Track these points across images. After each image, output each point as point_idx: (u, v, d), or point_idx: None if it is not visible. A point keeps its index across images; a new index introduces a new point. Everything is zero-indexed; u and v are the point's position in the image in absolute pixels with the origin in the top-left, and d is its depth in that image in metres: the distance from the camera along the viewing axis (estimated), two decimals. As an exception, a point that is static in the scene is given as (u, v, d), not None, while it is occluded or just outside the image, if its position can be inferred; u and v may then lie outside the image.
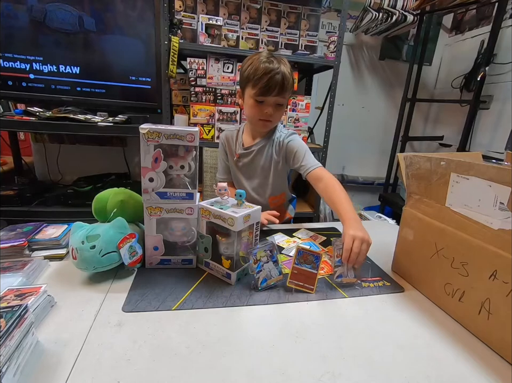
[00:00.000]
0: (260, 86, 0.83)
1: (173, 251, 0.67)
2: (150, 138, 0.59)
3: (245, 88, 0.88)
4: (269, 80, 0.82)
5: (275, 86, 0.83)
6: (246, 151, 0.98)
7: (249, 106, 0.88)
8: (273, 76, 0.82)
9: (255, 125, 0.94)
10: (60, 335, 0.47)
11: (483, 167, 0.46)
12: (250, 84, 0.85)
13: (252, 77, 0.84)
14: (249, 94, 0.87)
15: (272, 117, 0.89)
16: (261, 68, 0.82)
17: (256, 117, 0.89)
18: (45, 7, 1.35)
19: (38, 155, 1.72)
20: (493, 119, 2.01)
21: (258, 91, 0.84)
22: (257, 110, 0.87)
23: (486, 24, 2.08)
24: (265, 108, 0.86)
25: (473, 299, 0.50)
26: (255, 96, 0.85)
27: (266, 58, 0.84)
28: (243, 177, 1.02)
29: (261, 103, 0.86)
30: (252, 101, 0.87)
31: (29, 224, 0.76)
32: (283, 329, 0.52)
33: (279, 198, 1.05)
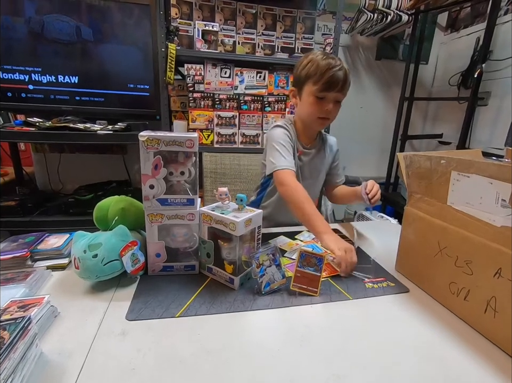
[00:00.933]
0: (323, 82, 0.82)
1: (175, 258, 0.67)
2: (149, 145, 0.59)
3: (304, 85, 0.87)
4: (332, 75, 0.81)
5: (338, 82, 0.82)
6: (307, 151, 0.99)
7: (309, 103, 0.86)
8: (337, 71, 0.82)
9: (312, 123, 0.91)
10: (64, 345, 0.47)
11: (483, 165, 0.46)
12: (311, 80, 0.84)
13: (313, 73, 0.83)
14: (310, 91, 0.85)
15: (331, 115, 0.88)
16: (323, 64, 0.82)
17: (315, 115, 0.88)
18: (43, 19, 1.37)
19: (38, 165, 1.73)
20: (491, 116, 2.00)
21: (321, 86, 0.82)
22: (318, 107, 0.86)
23: (481, 21, 2.09)
24: (326, 104, 0.85)
25: (479, 297, 0.50)
26: (317, 92, 0.84)
27: (325, 56, 0.85)
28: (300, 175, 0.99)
29: (321, 99, 0.85)
30: (312, 98, 0.85)
31: (31, 235, 0.76)
32: (288, 333, 0.52)
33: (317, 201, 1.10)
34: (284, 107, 1.64)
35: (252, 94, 1.60)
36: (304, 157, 0.99)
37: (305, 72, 0.85)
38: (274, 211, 1.04)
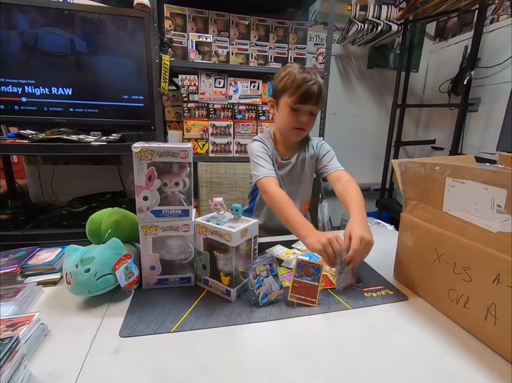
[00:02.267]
0: (299, 95, 0.85)
1: (170, 270, 0.66)
2: (143, 157, 0.58)
3: (281, 97, 0.90)
4: (307, 89, 0.84)
5: (312, 95, 0.85)
6: (286, 161, 1.00)
7: (285, 114, 0.90)
8: (311, 85, 0.85)
9: (288, 133, 0.94)
10: (54, 366, 0.45)
11: (478, 171, 0.46)
12: (288, 93, 0.87)
13: (289, 86, 0.86)
14: (286, 103, 0.89)
15: (307, 126, 0.91)
16: (300, 78, 0.85)
17: (290, 126, 0.90)
18: (37, 32, 1.37)
19: (31, 177, 1.71)
20: (482, 121, 2.04)
21: (296, 99, 0.86)
22: (293, 119, 0.89)
23: (468, 30, 2.14)
24: (301, 116, 0.88)
25: (478, 304, 0.49)
26: (292, 104, 0.87)
27: (301, 69, 0.88)
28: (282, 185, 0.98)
29: (296, 111, 0.88)
30: (288, 110, 0.89)
31: (21, 249, 0.74)
32: (286, 346, 0.50)
33: (309, 202, 1.10)
34: (278, 116, 1.65)
35: (246, 103, 1.61)
36: (283, 168, 1.00)
37: (282, 84, 0.88)
38: (267, 219, 1.04)
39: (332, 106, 1.76)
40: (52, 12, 1.38)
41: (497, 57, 1.89)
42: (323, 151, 1.01)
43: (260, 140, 0.98)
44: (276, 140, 1.01)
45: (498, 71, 1.90)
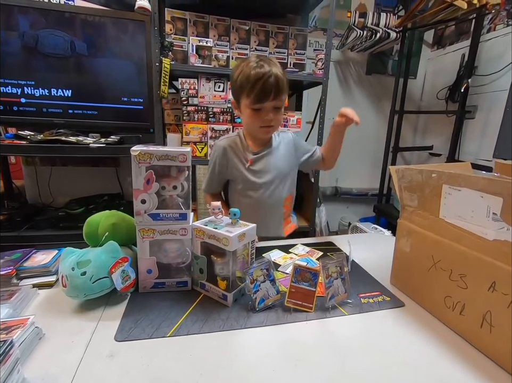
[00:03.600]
0: (255, 94, 0.79)
1: (167, 274, 0.66)
2: (141, 160, 0.58)
3: (240, 98, 0.85)
4: (263, 86, 0.78)
5: (270, 91, 0.79)
6: (257, 156, 0.95)
7: (247, 115, 0.85)
8: (267, 80, 0.78)
9: (256, 133, 0.91)
10: (48, 370, 0.45)
11: (474, 179, 0.47)
12: (245, 93, 0.82)
13: (245, 86, 0.81)
14: (245, 104, 0.84)
15: (273, 122, 0.86)
16: (252, 75, 0.79)
17: (257, 125, 0.86)
18: (37, 33, 1.38)
19: (29, 178, 1.70)
20: (479, 128, 2.06)
21: (254, 99, 0.80)
22: (257, 118, 0.84)
23: (465, 38, 2.18)
24: (265, 114, 0.83)
25: (474, 312, 0.49)
26: (251, 105, 0.82)
27: (255, 63, 0.81)
28: (257, 182, 0.96)
29: (258, 110, 0.83)
30: (249, 111, 0.84)
31: (17, 251, 0.73)
32: (283, 351, 0.50)
33: (290, 199, 1.05)
34: (277, 120, 1.66)
35: (246, 107, 1.61)
36: (256, 163, 0.96)
37: (238, 84, 0.83)
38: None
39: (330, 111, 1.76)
40: (53, 14, 1.39)
41: (494, 65, 1.92)
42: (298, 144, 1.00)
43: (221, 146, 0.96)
44: (246, 136, 0.97)
45: (495, 79, 1.93)
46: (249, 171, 0.96)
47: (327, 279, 0.62)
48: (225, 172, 0.99)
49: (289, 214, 1.09)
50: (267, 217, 1.01)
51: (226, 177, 1.02)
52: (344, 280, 0.63)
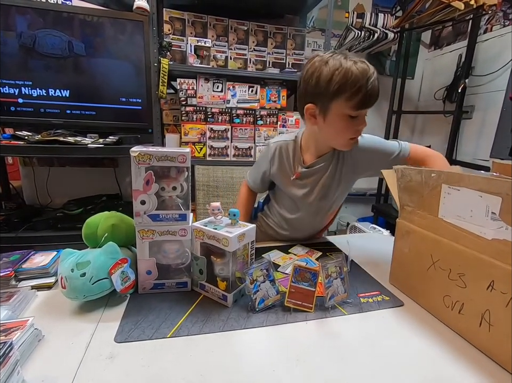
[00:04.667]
0: (361, 98, 0.66)
1: (167, 275, 0.65)
2: (141, 161, 0.58)
3: (332, 102, 0.68)
4: (372, 88, 0.66)
5: (376, 95, 0.68)
6: (308, 170, 0.84)
7: (340, 125, 0.71)
8: (374, 82, 0.67)
9: (340, 146, 0.77)
10: (48, 372, 0.44)
11: (472, 178, 0.47)
12: (344, 96, 0.66)
13: (347, 87, 0.65)
14: (340, 110, 0.68)
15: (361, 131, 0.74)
16: (359, 75, 0.65)
17: (346, 138, 0.72)
18: (35, 34, 1.37)
19: (26, 179, 1.69)
20: (476, 128, 2.07)
21: (359, 103, 0.67)
22: (351, 128, 0.71)
23: (462, 39, 2.19)
24: (360, 122, 0.71)
25: (473, 311, 0.49)
26: (352, 111, 0.68)
27: (352, 61, 0.67)
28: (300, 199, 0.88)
29: (354, 118, 0.70)
30: (344, 119, 0.70)
31: (16, 253, 0.73)
32: (283, 352, 0.50)
33: (335, 212, 0.98)
34: (276, 121, 1.66)
35: (244, 108, 1.62)
36: (304, 178, 0.85)
37: (335, 86, 0.66)
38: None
39: (329, 111, 1.77)
40: (51, 14, 1.38)
41: (491, 65, 1.93)
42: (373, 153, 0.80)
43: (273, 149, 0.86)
44: (303, 146, 0.84)
45: (491, 79, 1.94)
46: (294, 185, 0.87)
47: (327, 279, 0.62)
48: (268, 175, 0.91)
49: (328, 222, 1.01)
50: (307, 226, 0.96)
51: (270, 179, 0.94)
52: (343, 280, 0.64)
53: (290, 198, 0.91)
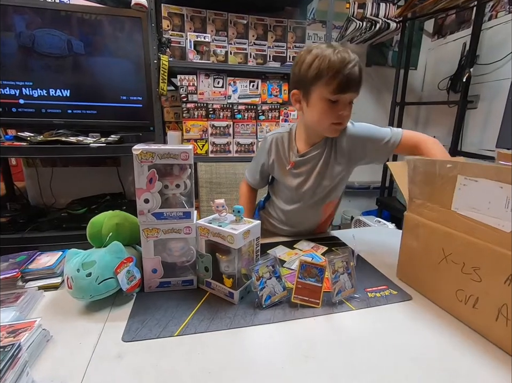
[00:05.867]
0: (339, 82, 0.69)
1: (172, 273, 0.65)
2: (143, 159, 0.57)
3: (312, 87, 0.73)
4: (349, 73, 0.69)
5: (355, 80, 0.71)
6: (302, 159, 0.86)
7: (320, 109, 0.74)
8: (353, 68, 0.69)
9: (324, 131, 0.80)
10: (57, 372, 0.44)
11: (492, 169, 0.46)
12: (323, 81, 0.70)
13: (325, 72, 0.69)
14: (320, 95, 0.73)
15: (346, 119, 0.77)
16: (337, 60, 0.69)
17: (328, 122, 0.76)
18: (33, 33, 1.36)
19: (30, 180, 1.69)
20: (481, 118, 2.04)
21: (336, 87, 0.70)
22: (331, 113, 0.74)
23: (466, 27, 2.14)
24: (341, 108, 0.73)
25: (489, 305, 0.48)
26: (330, 95, 0.71)
27: (335, 49, 0.71)
28: (296, 187, 0.90)
29: (335, 103, 0.73)
30: (324, 103, 0.73)
31: (22, 253, 0.73)
32: (291, 348, 0.50)
33: (333, 203, 0.96)
34: (278, 115, 1.65)
35: (246, 103, 1.60)
36: (299, 166, 0.88)
37: (314, 71, 0.71)
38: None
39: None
40: (49, 13, 1.37)
41: (496, 53, 1.89)
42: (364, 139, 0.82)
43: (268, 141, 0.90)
44: (296, 136, 0.88)
45: (497, 68, 1.90)
46: (290, 174, 0.89)
47: (333, 274, 0.61)
48: (267, 168, 0.94)
49: (329, 216, 1.00)
50: (305, 219, 0.97)
51: (269, 172, 0.97)
52: (350, 275, 0.63)
53: (287, 189, 0.93)
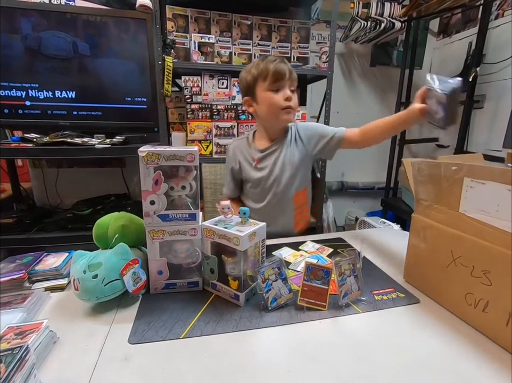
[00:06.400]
0: (272, 73, 0.86)
1: (178, 274, 0.65)
2: (149, 161, 0.57)
3: (255, 88, 0.91)
4: (278, 66, 0.86)
5: (284, 71, 0.87)
6: (264, 153, 0.99)
7: (268, 99, 0.89)
8: (279, 62, 0.88)
9: (278, 120, 0.92)
10: (64, 374, 0.45)
11: (499, 171, 0.45)
12: (261, 79, 0.88)
13: (259, 73, 0.88)
14: (263, 89, 0.89)
15: (293, 102, 0.90)
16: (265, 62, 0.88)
17: (278, 108, 0.89)
18: (40, 35, 1.37)
19: (36, 181, 1.71)
20: (488, 118, 2.02)
21: (272, 78, 0.86)
22: (277, 99, 0.88)
23: (472, 26, 2.12)
24: (284, 94, 0.88)
25: (500, 309, 0.47)
26: (270, 85, 0.87)
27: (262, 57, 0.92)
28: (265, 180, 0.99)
29: (277, 91, 0.88)
30: (268, 94, 0.88)
31: (28, 255, 0.74)
32: (298, 351, 0.49)
33: (302, 194, 1.04)
34: (282, 116, 1.64)
35: (249, 103, 1.59)
36: (262, 161, 0.99)
37: (251, 76, 0.90)
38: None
39: (335, 104, 1.74)
40: (55, 15, 1.38)
41: (503, 52, 1.87)
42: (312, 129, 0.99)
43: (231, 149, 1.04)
44: (256, 137, 1.02)
45: (503, 67, 1.88)
46: (256, 170, 1.00)
47: (340, 277, 0.61)
48: (237, 173, 1.05)
49: (303, 209, 1.07)
50: (278, 213, 1.02)
51: (240, 178, 1.06)
52: (356, 277, 0.62)
53: (255, 185, 1.02)
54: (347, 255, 0.63)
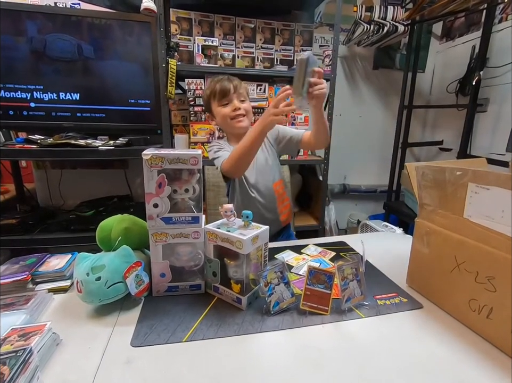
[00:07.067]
0: (218, 92, 1.00)
1: (180, 277, 0.65)
2: (153, 164, 0.58)
3: (211, 105, 1.04)
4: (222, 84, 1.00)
5: (228, 88, 1.00)
6: None
7: (221, 114, 1.01)
8: (223, 81, 1.01)
9: (232, 126, 1.03)
10: (66, 376, 0.45)
11: (503, 177, 0.45)
12: (212, 98, 1.02)
13: (210, 93, 1.03)
14: (216, 105, 1.02)
15: (242, 110, 1.01)
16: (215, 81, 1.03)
17: (228, 118, 1.01)
18: (45, 38, 1.39)
19: (39, 182, 1.72)
20: (491, 122, 2.01)
21: (219, 96, 1.00)
22: (226, 111, 1.00)
23: (475, 29, 2.12)
24: (232, 106, 1.00)
25: (504, 316, 0.47)
26: (219, 102, 1.01)
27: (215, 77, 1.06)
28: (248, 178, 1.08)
29: (226, 105, 1.01)
30: (219, 109, 1.01)
31: (32, 256, 0.74)
32: (300, 356, 0.49)
33: (279, 184, 1.14)
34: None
35: (253, 107, 1.59)
36: None
37: (206, 96, 1.05)
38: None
39: (338, 107, 1.74)
40: (60, 18, 1.39)
41: (506, 56, 1.86)
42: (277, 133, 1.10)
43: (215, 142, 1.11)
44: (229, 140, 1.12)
45: (507, 71, 1.87)
46: None
47: (343, 281, 0.61)
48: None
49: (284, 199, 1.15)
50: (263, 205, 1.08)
51: None
52: (359, 282, 0.62)
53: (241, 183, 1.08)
54: (350, 259, 0.63)
